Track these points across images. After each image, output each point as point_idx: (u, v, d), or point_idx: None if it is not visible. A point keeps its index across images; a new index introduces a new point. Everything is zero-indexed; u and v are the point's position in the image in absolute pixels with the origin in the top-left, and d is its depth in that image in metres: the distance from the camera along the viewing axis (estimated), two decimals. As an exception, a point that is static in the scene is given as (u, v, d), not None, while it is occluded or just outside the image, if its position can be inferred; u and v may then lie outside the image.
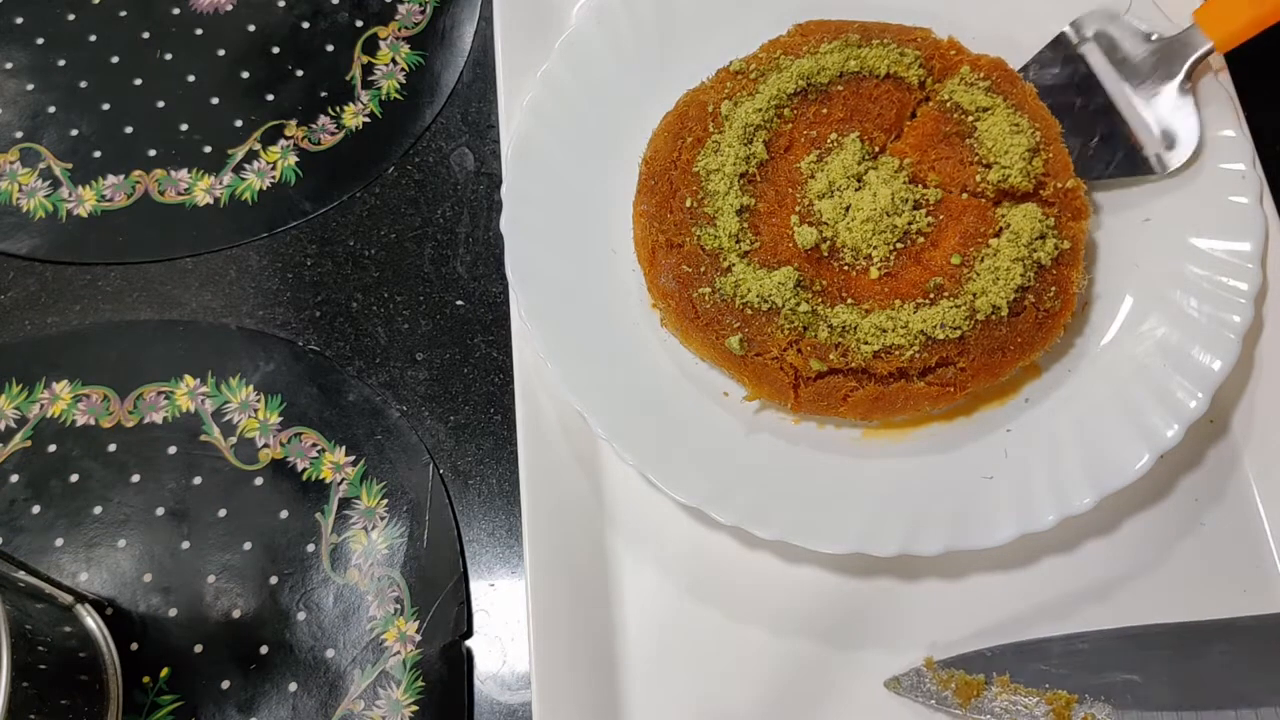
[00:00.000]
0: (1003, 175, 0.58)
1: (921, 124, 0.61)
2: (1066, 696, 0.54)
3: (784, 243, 0.59)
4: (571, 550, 0.59)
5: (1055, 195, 0.59)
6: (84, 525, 0.64)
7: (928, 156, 0.61)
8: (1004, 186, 0.59)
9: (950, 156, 0.60)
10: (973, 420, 0.60)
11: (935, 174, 0.60)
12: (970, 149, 0.60)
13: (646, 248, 0.60)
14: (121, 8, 0.79)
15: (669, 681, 0.57)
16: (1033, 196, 0.59)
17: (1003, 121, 0.59)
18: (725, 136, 0.61)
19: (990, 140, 0.59)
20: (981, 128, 0.60)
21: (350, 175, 0.74)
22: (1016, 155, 0.58)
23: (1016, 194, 0.59)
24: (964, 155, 0.60)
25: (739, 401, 0.60)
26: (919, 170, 0.60)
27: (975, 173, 0.59)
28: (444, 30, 0.78)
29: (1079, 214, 0.59)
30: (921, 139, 0.61)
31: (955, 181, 0.60)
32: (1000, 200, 0.59)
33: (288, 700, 0.60)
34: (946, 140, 0.61)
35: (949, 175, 0.60)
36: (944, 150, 0.60)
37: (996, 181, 0.58)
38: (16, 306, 0.70)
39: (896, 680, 0.56)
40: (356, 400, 0.67)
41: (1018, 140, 0.58)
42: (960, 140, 0.60)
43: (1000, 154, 0.59)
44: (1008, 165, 0.58)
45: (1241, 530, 0.60)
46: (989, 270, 0.57)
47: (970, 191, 0.60)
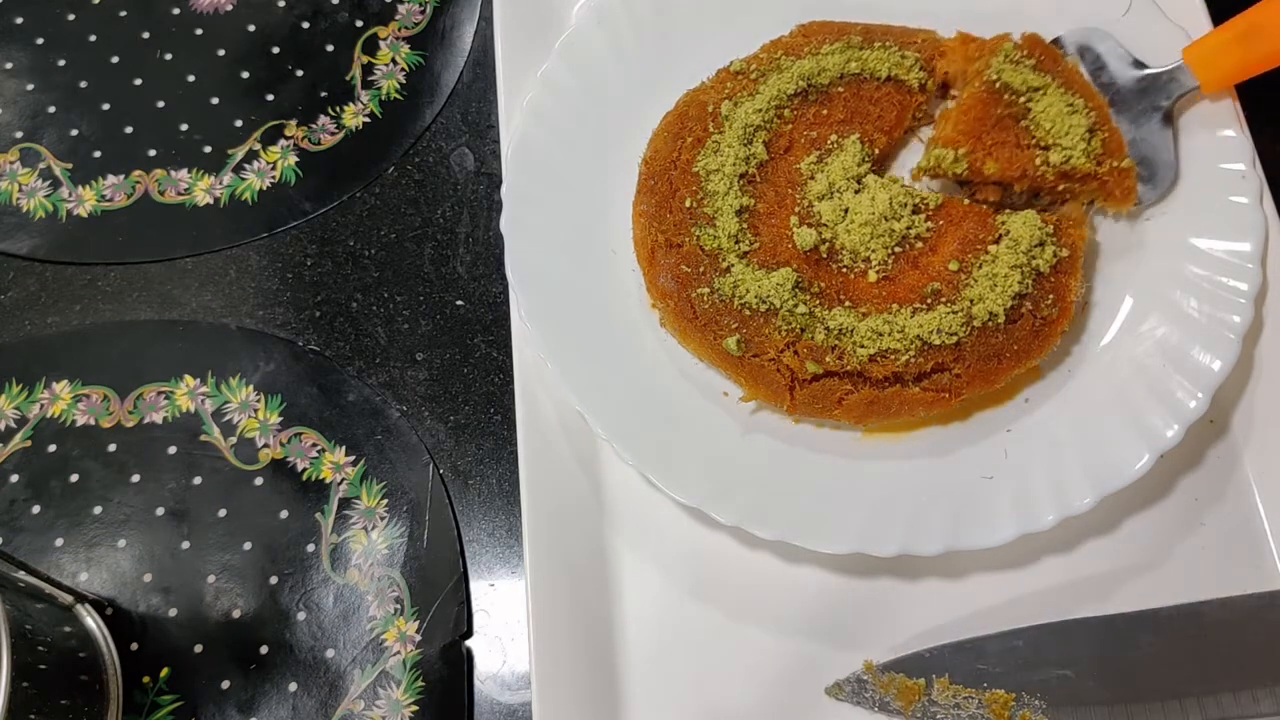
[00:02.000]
0: (1065, 157, 0.57)
1: (971, 107, 0.59)
2: (1004, 696, 0.54)
3: (783, 244, 0.59)
4: (571, 550, 0.59)
5: (1111, 174, 0.58)
6: (84, 525, 0.64)
7: (983, 143, 0.59)
8: (1066, 169, 0.57)
9: (1007, 141, 0.58)
10: (973, 421, 0.60)
11: (994, 161, 0.58)
12: (1027, 131, 0.58)
13: (646, 248, 0.60)
14: (121, 8, 0.79)
15: (669, 681, 0.57)
16: (1092, 177, 0.58)
17: (1058, 101, 0.58)
18: (725, 137, 0.61)
19: (1048, 121, 0.58)
20: (1037, 109, 0.58)
21: (350, 175, 0.74)
22: (1077, 135, 0.57)
23: (1077, 175, 0.58)
24: (1021, 138, 0.58)
25: (738, 402, 0.60)
26: (974, 160, 0.59)
27: (1035, 156, 0.58)
28: (444, 30, 0.78)
29: (1128, 195, 0.59)
30: (974, 124, 0.59)
31: (1015, 167, 0.58)
32: (1060, 182, 0.58)
33: (288, 700, 0.60)
34: (1000, 124, 0.59)
35: (1008, 161, 0.58)
36: (998, 135, 0.59)
37: (1059, 164, 0.57)
38: (16, 306, 0.70)
39: (838, 686, 0.56)
40: (356, 400, 0.67)
41: (1076, 120, 0.57)
42: (1014, 123, 0.59)
43: (1060, 135, 0.57)
44: (1069, 146, 0.57)
45: (1241, 530, 0.60)
46: (987, 277, 0.57)
47: (1030, 176, 0.58)
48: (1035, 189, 0.60)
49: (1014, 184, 0.60)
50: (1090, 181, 0.59)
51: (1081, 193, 0.60)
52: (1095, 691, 0.54)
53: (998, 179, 0.59)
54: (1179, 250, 0.61)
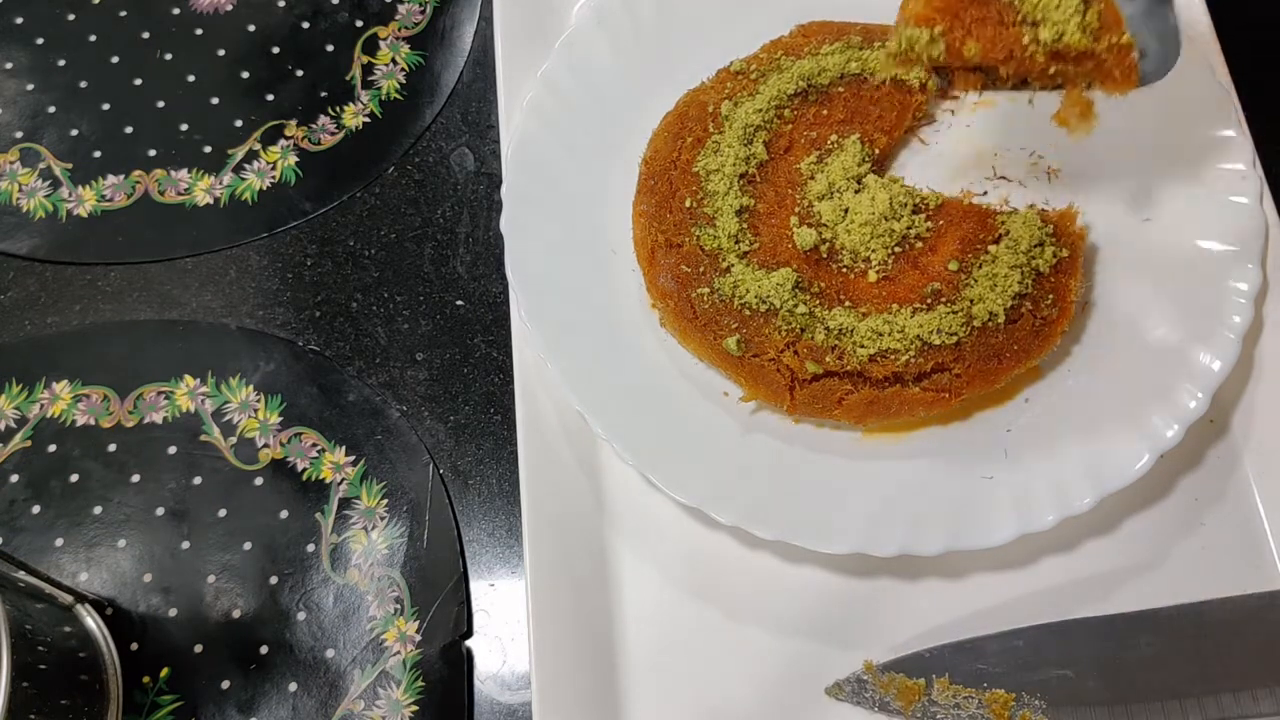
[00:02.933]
0: (1057, 33, 0.50)
1: None
2: (1004, 696, 0.54)
3: (783, 244, 0.59)
4: (571, 550, 0.59)
5: (1109, 51, 0.51)
6: (84, 525, 0.64)
7: (961, 21, 0.52)
8: (1058, 47, 0.50)
9: (989, 18, 0.51)
10: (973, 421, 0.60)
11: (974, 40, 0.51)
12: (1011, 6, 0.51)
13: (646, 248, 0.60)
14: (121, 8, 0.79)
15: (669, 681, 0.57)
16: (1088, 56, 0.51)
17: None
18: (725, 137, 0.61)
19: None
20: None
21: (350, 175, 0.74)
22: (1070, 8, 0.50)
23: (1070, 55, 0.51)
24: (1004, 14, 0.51)
25: (738, 402, 0.60)
26: (953, 39, 0.52)
27: (1022, 33, 0.51)
28: (444, 30, 0.78)
29: (1129, 74, 0.52)
30: (949, 1, 0.52)
31: (1000, 47, 0.51)
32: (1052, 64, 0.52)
33: (288, 700, 0.60)
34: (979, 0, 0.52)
35: (991, 40, 0.51)
36: (979, 10, 0.51)
37: (1050, 41, 0.50)
38: (16, 306, 0.70)
39: (838, 686, 0.56)
40: (356, 400, 0.67)
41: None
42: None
43: (1050, 9, 0.50)
44: (1060, 21, 0.50)
45: (1241, 530, 0.59)
46: (987, 277, 0.57)
47: (1017, 57, 0.51)
48: (1023, 73, 0.53)
49: (999, 67, 0.53)
50: (1086, 62, 0.52)
51: (1076, 76, 0.53)
52: (1095, 691, 0.54)
53: (979, 62, 0.52)
54: (1179, 250, 0.61)
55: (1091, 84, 0.53)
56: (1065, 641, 0.55)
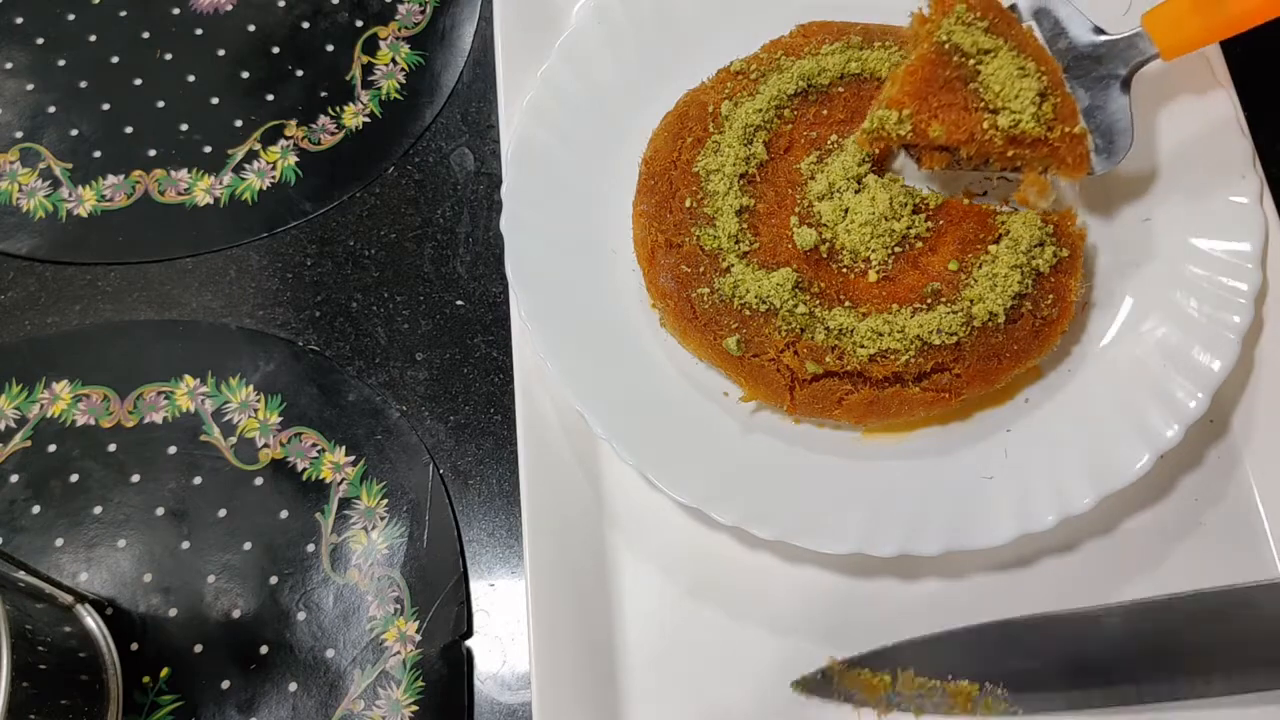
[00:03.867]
0: (1013, 121, 0.55)
1: (919, 69, 0.57)
2: (968, 687, 0.55)
3: (783, 244, 0.59)
4: (571, 550, 0.59)
5: (1063, 140, 0.56)
6: (84, 525, 0.64)
7: (928, 104, 0.56)
8: (1014, 133, 0.55)
9: (954, 103, 0.56)
10: (973, 421, 0.60)
11: (939, 124, 0.56)
12: (975, 94, 0.56)
13: (646, 248, 0.60)
14: (121, 8, 0.79)
15: (669, 681, 0.57)
16: (1043, 143, 0.56)
17: (1009, 64, 0.56)
18: (725, 137, 0.61)
19: (997, 84, 0.55)
20: (986, 71, 0.56)
21: (350, 175, 0.74)
22: (1027, 100, 0.55)
23: (1026, 140, 0.56)
24: (969, 101, 0.56)
25: (738, 402, 0.60)
26: (919, 122, 0.56)
27: (983, 119, 0.55)
28: (444, 30, 0.78)
29: (1080, 162, 0.57)
30: (920, 85, 0.56)
31: (962, 129, 0.56)
32: (1009, 148, 0.56)
33: (288, 700, 0.60)
34: (948, 86, 0.56)
35: (954, 124, 0.56)
36: (946, 97, 0.56)
37: (1007, 128, 0.55)
38: (16, 306, 0.70)
39: (804, 681, 0.57)
40: (356, 400, 0.67)
41: (1026, 84, 0.55)
42: (963, 85, 0.56)
43: (1009, 99, 0.55)
44: (1018, 110, 0.55)
45: (1241, 530, 0.59)
46: (987, 277, 0.57)
47: (978, 140, 0.56)
48: (983, 154, 0.58)
49: (961, 148, 0.57)
50: (1041, 148, 0.57)
51: (1032, 160, 0.58)
52: (1056, 679, 0.55)
53: (944, 143, 0.57)
54: (1179, 250, 0.61)
55: (1047, 169, 0.58)
56: (1030, 634, 0.55)
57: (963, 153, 0.58)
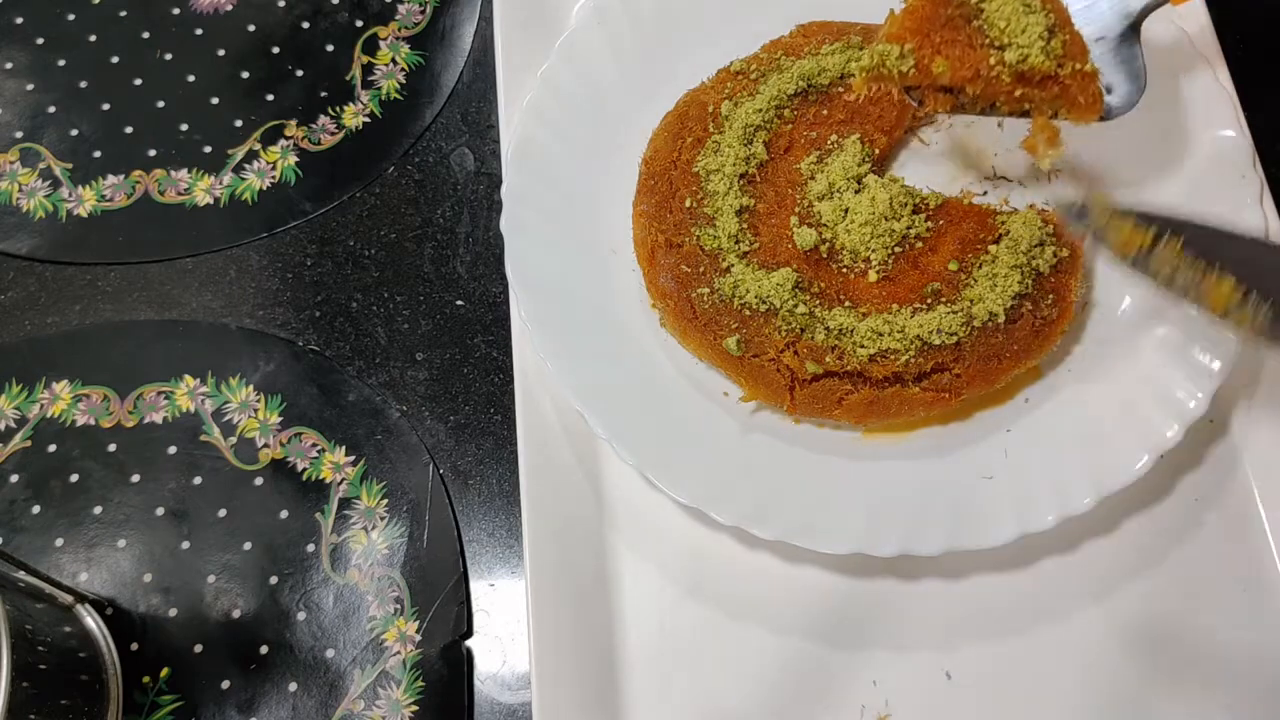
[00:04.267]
0: (1021, 55, 0.53)
1: (920, 5, 0.54)
2: (1230, 288, 0.47)
3: (783, 244, 0.59)
4: (571, 550, 0.59)
5: (1074, 77, 0.54)
6: (84, 525, 0.64)
7: (930, 41, 0.54)
8: (1023, 69, 0.53)
9: (958, 39, 0.53)
10: (973, 421, 0.60)
11: (943, 59, 0.54)
12: (980, 31, 0.53)
13: (646, 248, 0.60)
14: (121, 8, 0.79)
15: (669, 681, 0.57)
16: (1052, 80, 0.54)
17: (1013, 0, 0.53)
18: (725, 137, 0.61)
19: (1002, 20, 0.53)
20: (990, 8, 0.54)
21: (350, 175, 0.74)
22: (1035, 34, 0.52)
23: (1035, 78, 0.53)
24: (973, 38, 0.53)
25: (738, 402, 0.60)
26: (922, 57, 0.54)
27: (989, 55, 0.53)
28: (444, 30, 0.78)
29: (1094, 102, 0.54)
30: (921, 22, 0.54)
31: (967, 65, 0.54)
32: (1017, 86, 0.54)
33: (288, 700, 0.60)
34: (950, 24, 0.54)
35: (959, 59, 0.53)
36: (948, 34, 0.54)
37: (1015, 63, 0.53)
38: (16, 306, 0.70)
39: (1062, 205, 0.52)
40: (356, 400, 0.67)
41: (1033, 19, 0.53)
42: (965, 23, 0.54)
43: (1016, 34, 0.53)
44: (1026, 45, 0.52)
45: (1241, 530, 0.59)
46: (987, 277, 0.57)
47: (984, 78, 0.54)
48: (990, 95, 0.55)
49: (966, 87, 0.55)
50: (1050, 86, 0.54)
51: (1041, 101, 0.56)
52: None
53: (948, 81, 0.55)
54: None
55: (1058, 112, 0.55)
56: None
57: (968, 92, 0.55)
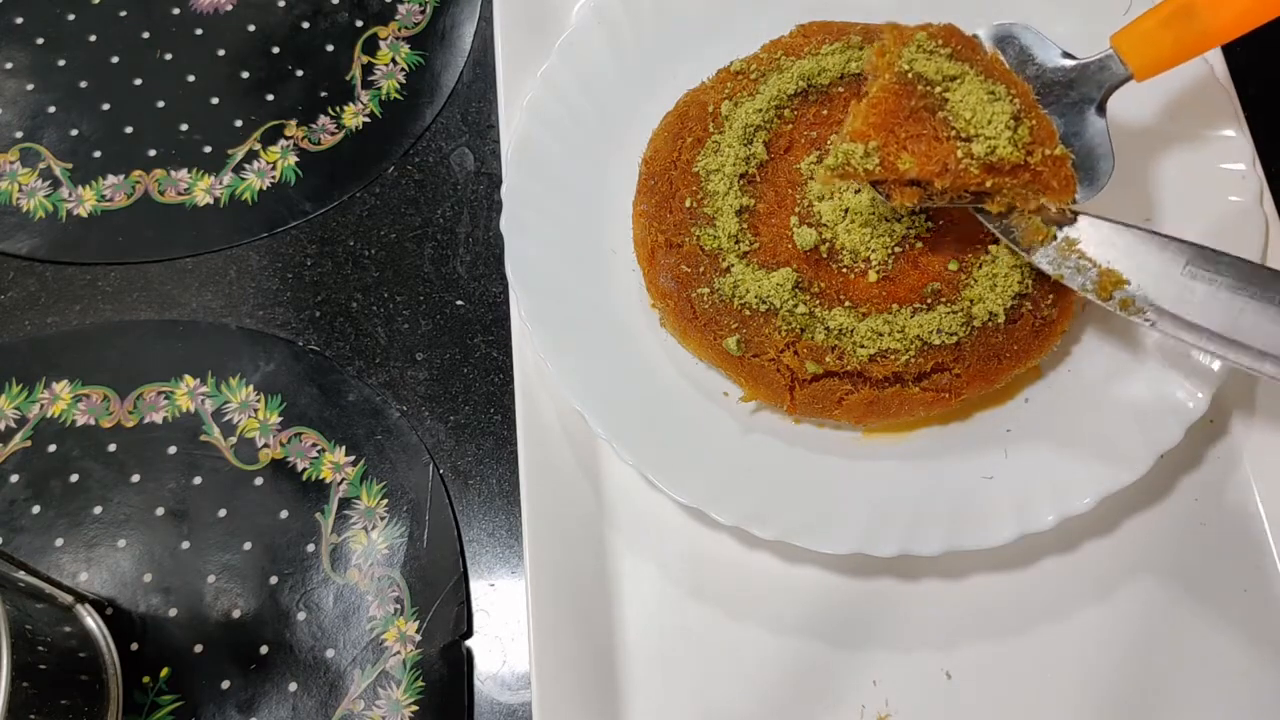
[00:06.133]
0: (989, 147, 0.51)
1: (882, 100, 0.53)
2: (1119, 275, 0.50)
3: (783, 244, 0.59)
4: (571, 550, 0.59)
5: (1044, 163, 0.53)
6: (84, 525, 0.64)
7: (896, 135, 0.52)
8: (991, 160, 0.52)
9: (923, 134, 0.52)
10: (973, 421, 0.60)
11: (909, 155, 0.52)
12: (945, 122, 0.52)
13: (646, 247, 0.60)
14: (121, 8, 0.79)
15: (669, 681, 0.57)
16: (1022, 168, 0.53)
17: (977, 90, 0.52)
18: (725, 137, 0.61)
19: (967, 111, 0.52)
20: (954, 98, 0.52)
21: (350, 175, 0.74)
22: (1001, 124, 0.51)
23: (1005, 168, 0.52)
24: (938, 130, 0.52)
25: (738, 402, 0.60)
26: (887, 154, 0.52)
27: (956, 148, 0.52)
28: (444, 30, 0.78)
29: (1066, 185, 0.53)
30: (885, 116, 0.52)
31: (934, 160, 0.52)
32: (987, 176, 0.53)
33: (288, 700, 0.60)
34: (914, 116, 0.52)
35: (925, 154, 0.52)
36: (913, 128, 0.52)
37: (982, 155, 0.51)
38: (16, 306, 0.70)
39: None
40: (356, 400, 0.67)
41: (999, 108, 0.51)
42: (930, 115, 0.52)
43: (982, 124, 0.51)
44: (993, 135, 0.51)
45: (1241, 530, 0.60)
46: (987, 277, 0.57)
47: (952, 171, 0.52)
48: (959, 186, 0.54)
49: (934, 181, 0.53)
50: (1022, 174, 0.53)
51: (1014, 189, 0.54)
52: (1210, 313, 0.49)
53: (915, 176, 0.53)
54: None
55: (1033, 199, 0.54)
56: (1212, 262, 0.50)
57: (936, 185, 0.53)
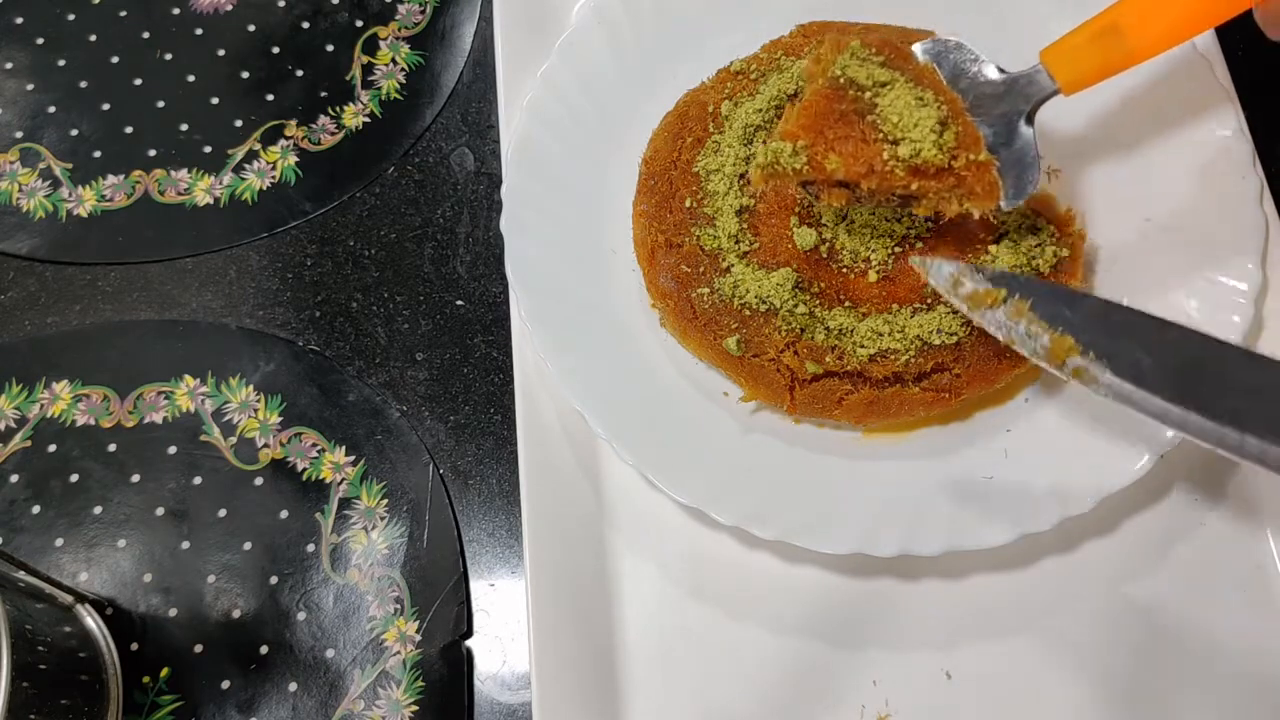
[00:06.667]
0: (914, 150, 0.52)
1: (813, 103, 0.53)
2: (1070, 343, 0.51)
3: (783, 244, 0.59)
4: (571, 550, 0.59)
5: (968, 168, 0.53)
6: (84, 525, 0.64)
7: (824, 137, 0.53)
8: (915, 163, 0.52)
9: (851, 135, 0.53)
10: (973, 421, 0.60)
11: (836, 155, 0.53)
12: (873, 125, 0.53)
13: (646, 248, 0.60)
14: (121, 8, 0.79)
15: (669, 681, 0.57)
16: (947, 173, 0.53)
17: (906, 95, 0.53)
18: (725, 137, 0.61)
19: (895, 115, 0.52)
20: (883, 103, 0.53)
21: (350, 175, 0.74)
22: (927, 128, 0.52)
23: (929, 171, 0.53)
24: (866, 133, 0.53)
25: (738, 402, 0.60)
26: (815, 154, 0.53)
27: (882, 150, 0.52)
28: (444, 30, 0.78)
29: (990, 191, 0.54)
30: (815, 118, 0.53)
31: (860, 161, 0.53)
32: (912, 179, 0.53)
33: (288, 700, 0.60)
34: (843, 119, 0.53)
35: (852, 155, 0.52)
36: (842, 129, 0.53)
37: (907, 157, 0.52)
38: (16, 306, 0.70)
39: (923, 261, 0.54)
40: (356, 400, 0.67)
41: (925, 113, 0.52)
42: (860, 118, 0.53)
43: (908, 128, 0.52)
44: (918, 139, 0.52)
45: (1241, 530, 0.59)
46: None
47: (878, 172, 0.53)
48: (886, 188, 0.54)
49: (860, 182, 0.54)
50: (946, 178, 0.54)
51: (939, 193, 0.54)
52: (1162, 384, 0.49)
53: (842, 176, 0.54)
54: (1179, 250, 0.61)
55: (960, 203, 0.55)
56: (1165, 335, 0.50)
57: (863, 187, 0.54)
